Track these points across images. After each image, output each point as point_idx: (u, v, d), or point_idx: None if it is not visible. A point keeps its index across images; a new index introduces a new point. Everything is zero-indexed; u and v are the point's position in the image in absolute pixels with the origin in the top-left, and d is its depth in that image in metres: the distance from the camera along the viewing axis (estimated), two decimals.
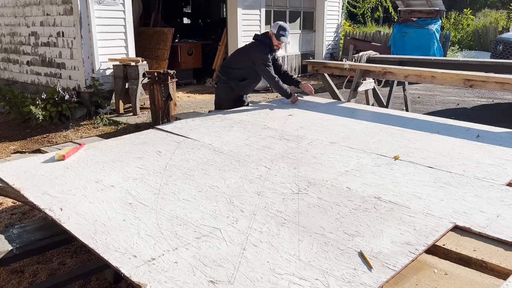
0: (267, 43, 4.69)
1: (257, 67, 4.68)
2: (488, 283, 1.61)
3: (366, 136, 3.47)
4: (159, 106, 6.44)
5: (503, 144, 3.23)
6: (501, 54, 8.46)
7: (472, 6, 24.91)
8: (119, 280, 2.83)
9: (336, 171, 2.72)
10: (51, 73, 8.03)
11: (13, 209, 4.02)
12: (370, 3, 17.69)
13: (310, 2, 12.25)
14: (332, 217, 2.11)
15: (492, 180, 2.55)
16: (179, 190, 2.46)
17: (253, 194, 2.39)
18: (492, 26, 17.74)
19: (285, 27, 4.64)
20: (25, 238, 2.21)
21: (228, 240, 1.91)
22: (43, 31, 7.98)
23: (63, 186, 2.51)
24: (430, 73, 4.65)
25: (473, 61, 5.51)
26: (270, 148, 3.19)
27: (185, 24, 14.46)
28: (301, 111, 4.38)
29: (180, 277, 1.65)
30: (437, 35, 10.93)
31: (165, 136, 3.53)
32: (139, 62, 7.10)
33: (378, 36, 13.32)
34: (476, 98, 8.75)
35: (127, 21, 7.53)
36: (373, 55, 6.15)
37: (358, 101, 5.58)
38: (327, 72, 5.72)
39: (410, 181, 2.54)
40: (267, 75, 4.68)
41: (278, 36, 4.61)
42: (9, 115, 7.52)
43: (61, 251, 3.24)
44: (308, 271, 1.67)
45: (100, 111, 7.23)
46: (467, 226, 2.01)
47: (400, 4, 11.94)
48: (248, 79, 4.82)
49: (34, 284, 2.89)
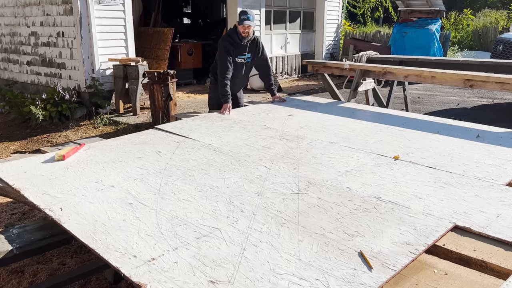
0: (233, 33, 4.57)
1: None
2: (488, 283, 1.61)
3: (366, 136, 3.47)
4: (159, 106, 6.44)
5: (503, 144, 3.23)
6: (501, 54, 8.45)
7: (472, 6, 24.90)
8: (119, 280, 2.83)
9: (336, 171, 2.72)
10: (51, 73, 8.03)
11: (13, 209, 4.01)
12: (370, 3, 17.68)
13: (310, 2, 12.24)
14: (332, 217, 2.11)
15: (492, 180, 2.55)
16: (179, 190, 2.46)
17: (253, 194, 2.39)
18: (492, 26, 17.74)
19: (246, 11, 4.51)
20: (25, 238, 2.20)
21: (228, 240, 1.91)
22: (43, 31, 7.98)
23: (63, 186, 2.51)
24: (430, 73, 4.64)
25: (473, 61, 5.50)
26: (270, 148, 3.19)
27: (185, 24, 14.44)
28: (301, 111, 4.38)
29: (180, 277, 1.65)
30: (437, 35, 10.93)
31: (165, 136, 3.53)
32: (139, 62, 7.10)
33: (378, 36, 13.32)
34: (476, 98, 8.75)
35: (127, 21, 7.53)
36: (373, 55, 6.15)
37: (358, 101, 5.58)
38: (327, 72, 5.72)
39: (410, 181, 2.54)
40: (218, 63, 4.57)
41: (240, 22, 4.48)
42: (9, 115, 7.52)
43: (61, 251, 3.24)
44: (308, 271, 1.67)
45: (100, 111, 7.23)
46: (467, 226, 2.01)
47: (400, 4, 11.93)
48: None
49: (34, 284, 2.88)
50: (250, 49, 4.67)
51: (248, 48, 4.64)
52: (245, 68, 4.74)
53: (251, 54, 4.70)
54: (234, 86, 4.68)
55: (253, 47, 4.69)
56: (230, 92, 4.50)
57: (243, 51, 4.62)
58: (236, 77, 4.67)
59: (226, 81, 4.49)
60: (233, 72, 4.59)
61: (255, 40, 4.68)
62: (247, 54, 4.66)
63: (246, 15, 4.45)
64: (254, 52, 4.72)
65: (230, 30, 4.68)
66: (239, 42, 4.53)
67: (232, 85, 4.60)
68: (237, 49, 4.56)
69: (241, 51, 4.61)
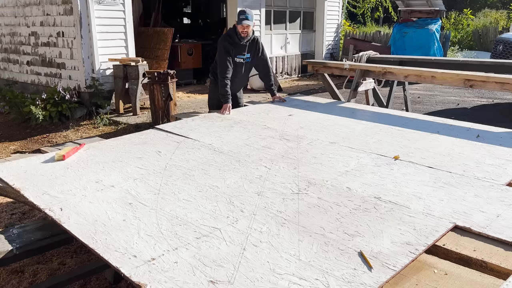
0: (232, 33, 4.56)
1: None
2: (488, 283, 1.61)
3: (366, 136, 3.47)
4: (159, 106, 6.44)
5: (503, 144, 3.23)
6: (501, 54, 8.45)
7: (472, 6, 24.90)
8: (119, 280, 2.83)
9: (336, 171, 2.72)
10: (51, 73, 8.03)
11: (13, 209, 4.01)
12: (370, 3, 17.68)
13: (310, 2, 12.24)
14: (332, 217, 2.11)
15: (492, 180, 2.55)
16: (179, 190, 2.46)
17: (253, 194, 2.39)
18: (492, 26, 17.73)
19: (245, 11, 4.50)
20: (25, 238, 2.20)
21: (228, 240, 1.91)
22: (43, 31, 7.98)
23: (63, 186, 2.51)
24: (430, 73, 4.64)
25: (473, 61, 5.50)
26: (270, 148, 3.19)
27: (185, 24, 14.44)
28: (301, 111, 4.38)
29: (180, 277, 1.65)
30: (437, 35, 10.93)
31: (165, 136, 3.53)
32: (139, 62, 7.10)
33: (378, 36, 13.32)
34: (476, 98, 8.75)
35: (127, 21, 7.53)
36: (373, 55, 6.15)
37: (358, 101, 5.58)
38: (327, 72, 5.72)
39: (410, 181, 2.54)
40: (218, 63, 4.58)
41: (239, 21, 4.46)
42: (9, 115, 7.52)
43: (61, 251, 3.24)
44: (308, 271, 1.67)
45: (100, 111, 7.23)
46: (467, 226, 2.01)
47: (400, 4, 11.93)
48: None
49: (34, 284, 2.88)
50: (250, 49, 4.67)
51: (248, 48, 4.64)
52: (244, 68, 4.74)
53: (250, 54, 4.69)
54: (234, 86, 4.67)
55: (253, 47, 4.68)
56: (230, 92, 4.50)
57: (243, 51, 4.62)
58: (235, 77, 4.66)
59: (226, 81, 4.48)
60: (233, 72, 4.58)
61: (255, 40, 4.68)
62: (247, 54, 4.66)
63: (245, 15, 4.44)
64: (253, 52, 4.71)
65: (229, 30, 4.68)
66: (238, 42, 4.53)
67: (232, 85, 4.59)
68: (236, 49, 4.56)
69: (241, 51, 4.60)
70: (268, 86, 4.99)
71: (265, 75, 4.94)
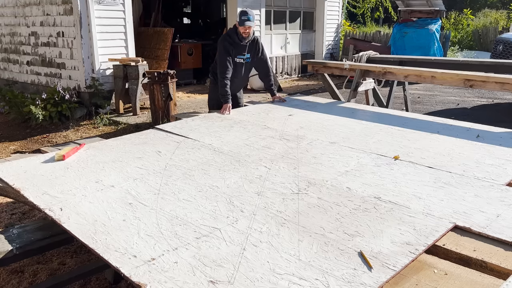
0: (232, 33, 4.54)
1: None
2: (488, 283, 1.61)
3: (366, 136, 3.47)
4: (159, 106, 6.44)
5: (503, 144, 3.23)
6: (501, 54, 8.45)
7: (472, 6, 24.89)
8: (119, 280, 2.83)
9: (336, 171, 2.72)
10: (51, 73, 8.03)
11: (13, 209, 4.01)
12: (370, 3, 17.68)
13: (310, 2, 12.24)
14: (332, 217, 2.11)
15: (492, 180, 2.55)
16: (179, 190, 2.46)
17: (253, 194, 2.39)
18: (492, 26, 17.74)
19: (247, 11, 4.46)
20: (25, 238, 2.20)
21: (228, 240, 1.91)
22: (43, 31, 7.98)
23: (63, 186, 2.51)
24: (430, 73, 4.64)
25: (473, 61, 5.50)
26: (270, 148, 3.19)
27: (185, 24, 14.45)
28: (301, 111, 4.38)
29: (180, 277, 1.65)
30: (437, 35, 10.93)
31: (165, 136, 3.53)
32: (139, 62, 7.10)
33: (378, 36, 13.32)
34: (476, 98, 8.75)
35: (127, 21, 7.53)
36: (373, 55, 6.15)
37: (358, 101, 5.58)
38: (327, 72, 5.72)
39: (410, 181, 2.54)
40: (218, 63, 4.57)
41: (241, 22, 4.44)
42: (9, 115, 7.52)
43: (61, 251, 3.24)
44: (308, 271, 1.67)
45: (100, 111, 7.23)
46: (467, 226, 2.01)
47: (400, 4, 11.93)
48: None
49: (34, 284, 2.88)
50: (250, 49, 4.67)
51: (248, 48, 4.64)
52: (244, 68, 4.74)
53: (250, 54, 4.69)
54: (233, 86, 4.67)
55: (253, 47, 4.68)
56: (230, 92, 4.50)
57: (243, 51, 4.62)
58: (235, 77, 4.65)
59: (226, 81, 4.48)
60: (233, 72, 4.57)
61: (255, 40, 4.68)
62: (247, 54, 4.66)
63: (247, 16, 4.42)
64: (253, 52, 4.71)
65: (229, 30, 4.67)
66: (238, 42, 4.52)
67: (232, 85, 4.58)
68: (236, 49, 4.56)
69: (241, 51, 4.60)
70: (268, 86, 4.99)
71: (265, 75, 4.94)
